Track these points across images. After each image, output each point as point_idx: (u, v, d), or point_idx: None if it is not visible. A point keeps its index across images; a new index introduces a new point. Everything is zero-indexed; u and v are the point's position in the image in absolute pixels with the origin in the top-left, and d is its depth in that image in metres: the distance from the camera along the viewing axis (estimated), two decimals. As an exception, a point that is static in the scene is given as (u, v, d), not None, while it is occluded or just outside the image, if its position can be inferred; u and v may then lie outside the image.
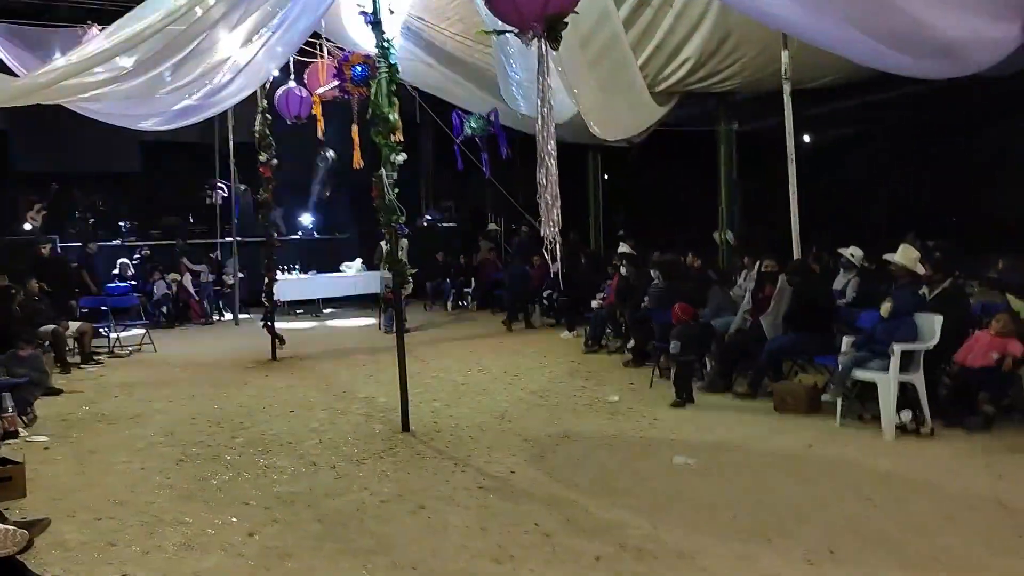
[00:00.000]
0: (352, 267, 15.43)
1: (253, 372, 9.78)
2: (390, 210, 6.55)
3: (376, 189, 6.55)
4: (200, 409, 7.82)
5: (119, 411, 7.81)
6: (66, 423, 7.39)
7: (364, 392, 8.47)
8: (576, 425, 7.01)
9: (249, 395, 8.43)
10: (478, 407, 7.75)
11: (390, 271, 6.82)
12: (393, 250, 6.71)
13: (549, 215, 4.31)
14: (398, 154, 6.52)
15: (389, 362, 10.20)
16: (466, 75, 11.85)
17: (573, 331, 11.95)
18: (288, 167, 17.18)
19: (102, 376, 9.75)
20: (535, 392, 8.38)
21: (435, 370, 9.72)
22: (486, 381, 9.03)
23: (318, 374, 9.57)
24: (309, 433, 6.83)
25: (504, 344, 11.65)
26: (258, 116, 10.22)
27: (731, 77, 10.47)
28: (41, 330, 9.75)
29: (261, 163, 10.29)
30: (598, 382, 8.80)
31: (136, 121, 8.68)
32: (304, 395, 8.36)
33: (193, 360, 10.72)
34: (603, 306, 10.77)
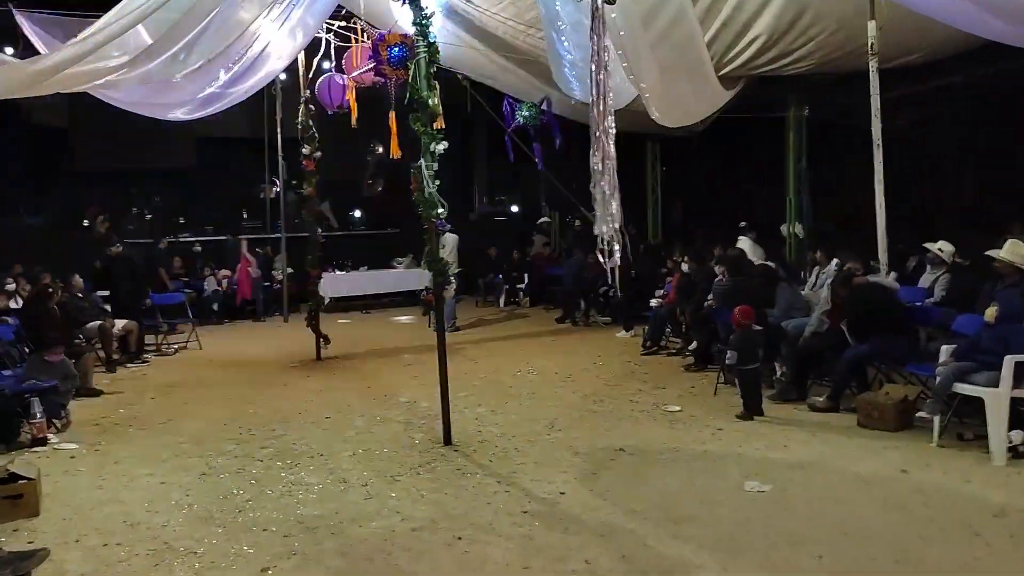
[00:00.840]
0: (402, 263, 14.94)
1: (294, 373, 9.32)
2: (429, 204, 5.94)
3: (415, 181, 5.95)
4: (234, 413, 7.36)
5: (152, 415, 7.41)
6: (98, 427, 7.01)
7: (406, 396, 7.92)
8: (632, 436, 6.32)
9: (286, 398, 7.96)
10: (526, 414, 7.11)
11: (429, 270, 6.19)
12: (432, 247, 6.11)
13: (606, 207, 3.59)
14: (438, 143, 5.91)
15: (435, 362, 9.57)
16: (518, 62, 11.19)
17: (630, 330, 11.23)
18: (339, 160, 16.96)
19: (144, 376, 9.42)
20: (588, 396, 7.71)
21: (484, 370, 9.13)
22: (536, 383, 8.39)
23: (360, 375, 9.06)
24: (343, 444, 6.28)
25: (557, 343, 11.00)
26: (300, 107, 9.74)
27: (804, 58, 9.57)
28: (87, 327, 9.47)
29: (304, 156, 9.82)
30: (657, 386, 8.08)
31: (166, 111, 8.26)
32: (343, 399, 7.85)
33: (236, 359, 10.34)
34: (663, 305, 10.02)
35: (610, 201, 3.55)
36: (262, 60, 7.31)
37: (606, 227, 3.63)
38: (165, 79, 6.27)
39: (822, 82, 11.25)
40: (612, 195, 3.56)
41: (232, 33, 6.10)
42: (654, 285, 11.93)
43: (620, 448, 6.00)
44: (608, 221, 3.61)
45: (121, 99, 7.39)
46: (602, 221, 3.62)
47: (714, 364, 8.63)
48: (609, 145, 3.58)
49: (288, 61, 8.45)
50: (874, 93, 7.20)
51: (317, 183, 10.03)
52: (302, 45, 8.06)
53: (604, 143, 3.52)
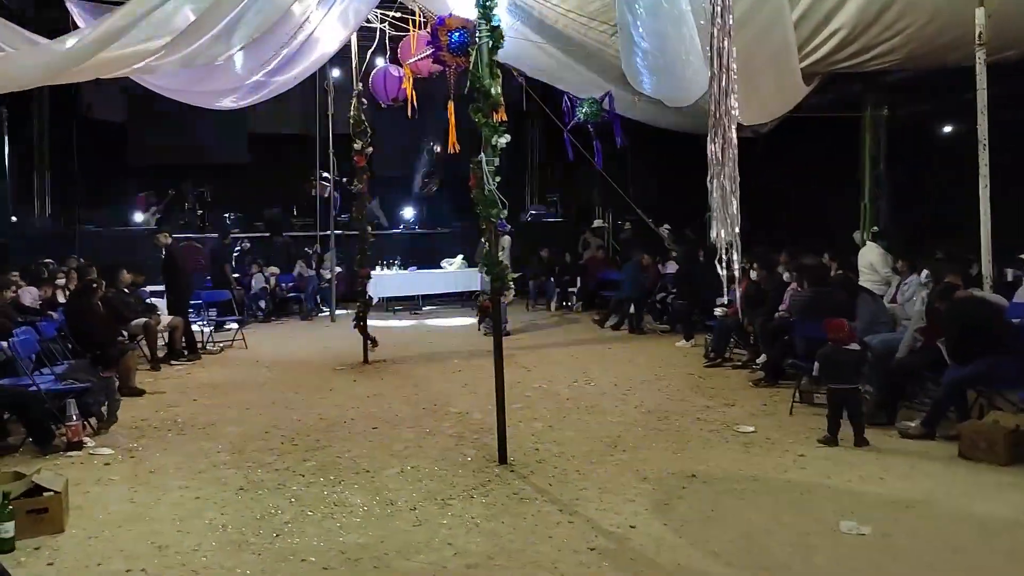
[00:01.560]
0: (453, 263, 14.47)
1: (341, 377, 8.88)
2: (489, 203, 5.40)
3: (474, 178, 5.42)
4: (277, 420, 6.93)
5: (193, 418, 7.02)
6: (137, 431, 6.63)
7: (458, 406, 7.40)
8: (704, 460, 5.71)
9: (332, 404, 7.51)
10: (586, 430, 6.54)
11: (488, 274, 5.66)
12: (492, 250, 5.57)
13: (725, 207, 2.95)
14: (500, 136, 5.37)
15: (487, 369, 9.07)
16: (579, 56, 10.61)
17: (690, 340, 10.56)
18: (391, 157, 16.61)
19: (189, 375, 9.08)
20: (652, 412, 7.10)
21: (537, 380, 8.57)
22: (594, 396, 7.81)
23: (409, 381, 8.57)
24: (390, 458, 5.78)
25: (613, 352, 10.38)
26: (353, 100, 9.31)
27: (888, 53, 8.78)
28: (132, 324, 9.17)
29: (355, 151, 9.38)
30: (725, 403, 7.44)
31: (213, 99, 7.88)
32: (391, 407, 7.36)
33: (282, 359, 9.95)
34: (728, 314, 9.34)
35: (730, 199, 2.92)
36: (310, 46, 6.86)
37: (725, 231, 2.98)
38: (207, 62, 5.86)
39: (902, 80, 10.47)
40: (733, 191, 2.92)
41: (273, 14, 5.65)
42: (715, 292, 11.27)
43: (692, 474, 5.39)
44: (728, 224, 2.96)
45: (165, 86, 7.02)
46: (720, 224, 2.99)
47: (786, 379, 7.97)
48: (730, 130, 2.96)
49: (337, 47, 7.99)
50: (981, 86, 6.45)
51: (368, 180, 9.59)
52: (352, 29, 7.58)
53: (725, 126, 2.90)
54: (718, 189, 2.94)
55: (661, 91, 7.30)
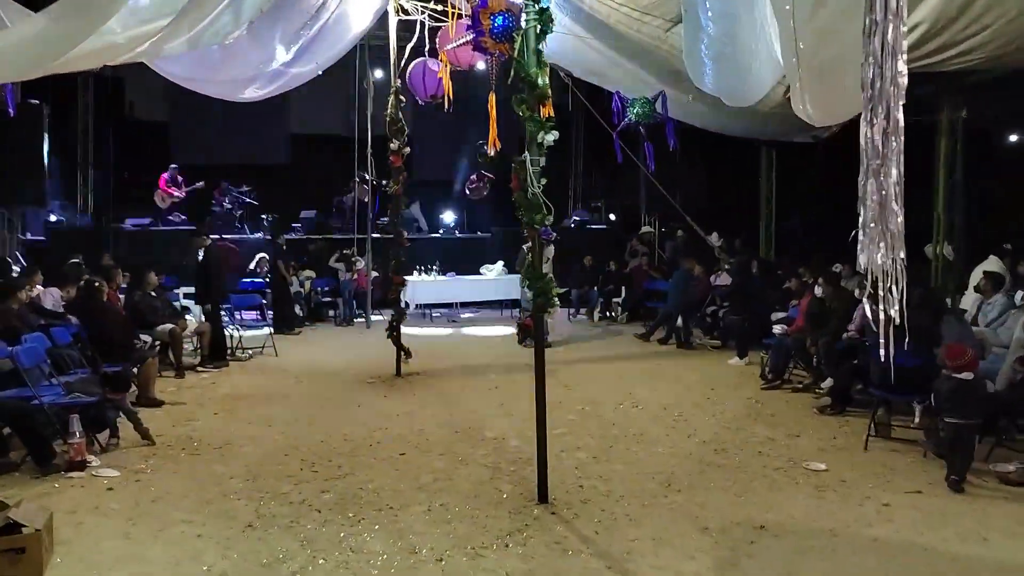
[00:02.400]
0: (493, 270, 13.80)
1: (371, 390, 8.26)
2: (533, 207, 4.72)
3: (516, 179, 4.74)
4: (298, 439, 6.33)
5: (210, 435, 6.45)
6: (148, 449, 6.07)
7: (493, 429, 6.72)
8: (773, 506, 4.95)
9: (359, 422, 6.88)
10: (635, 463, 5.81)
11: (530, 288, 4.97)
12: (535, 260, 4.88)
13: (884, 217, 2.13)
14: (548, 132, 4.69)
15: (525, 386, 8.38)
16: (629, 53, 9.89)
17: (744, 357, 9.74)
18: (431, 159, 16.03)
19: (213, 384, 8.54)
20: (707, 444, 6.35)
21: (579, 400, 7.86)
22: (643, 421, 7.07)
23: (443, 398, 7.92)
24: (417, 492, 5.13)
25: (660, 368, 9.60)
26: (390, 98, 8.70)
27: (970, 51, 7.88)
28: (158, 329, 8.68)
29: (392, 151, 8.77)
30: (789, 433, 6.65)
31: (235, 89, 7.33)
32: (422, 428, 6.71)
33: (312, 369, 9.37)
34: (789, 333, 8.52)
35: (890, 208, 2.11)
36: (330, 31, 6.24)
37: (882, 252, 2.17)
38: (215, 41, 5.29)
39: (981, 81, 9.53)
40: (897, 197, 2.12)
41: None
42: (769, 307, 10.44)
43: (760, 525, 4.64)
44: (888, 244, 2.15)
45: (178, 74, 6.49)
46: (873, 240, 2.19)
47: (855, 407, 7.18)
48: (897, 109, 2.21)
49: (359, 33, 7.34)
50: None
51: (406, 182, 8.98)
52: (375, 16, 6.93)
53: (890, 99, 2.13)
54: (875, 193, 2.12)
55: (721, 84, 6.56)
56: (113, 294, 8.17)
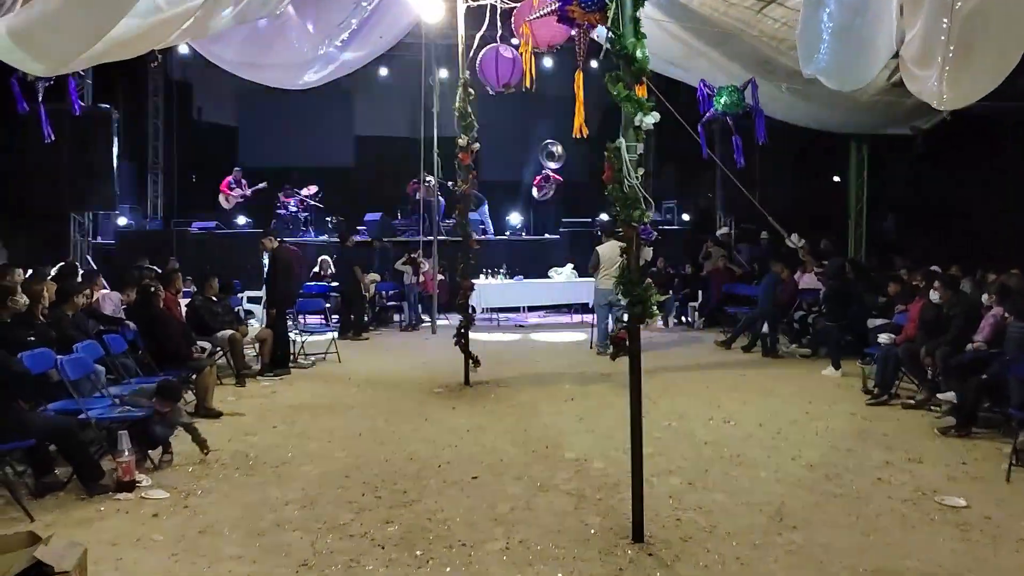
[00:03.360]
0: (562, 273, 13.10)
1: (438, 401, 7.66)
2: (630, 201, 4.02)
3: (609, 169, 4.05)
4: (362, 458, 5.75)
5: (267, 452, 5.92)
6: (202, 466, 5.58)
7: (573, 448, 6.02)
8: (910, 551, 4.14)
9: (426, 439, 6.28)
10: (738, 492, 5.04)
11: (624, 295, 4.25)
12: (631, 263, 4.17)
13: None
14: (647, 114, 3.98)
15: (603, 398, 7.75)
16: (713, 40, 9.11)
17: (839, 368, 8.81)
18: (498, 158, 15.43)
19: (274, 393, 8.07)
20: (817, 468, 5.53)
21: (665, 414, 7.10)
22: (739, 440, 6.28)
23: (515, 411, 7.26)
24: (492, 525, 4.47)
25: (748, 379, 8.76)
26: (458, 90, 8.10)
27: None
28: (217, 335, 8.27)
29: (460, 148, 8.17)
30: (909, 457, 5.78)
31: (292, 75, 6.81)
32: (494, 447, 6.06)
33: (376, 377, 8.84)
34: (897, 342, 7.59)
35: None
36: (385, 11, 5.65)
37: None
38: (265, 13, 4.76)
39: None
40: None
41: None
42: (866, 313, 9.49)
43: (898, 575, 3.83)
44: None
45: (231, 59, 6.00)
46: None
47: (982, 428, 6.27)
48: None
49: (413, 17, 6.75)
50: None
51: (475, 181, 8.37)
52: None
53: None
54: None
55: (835, 63, 5.74)
56: (172, 299, 7.78)
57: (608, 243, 10.10)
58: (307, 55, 6.07)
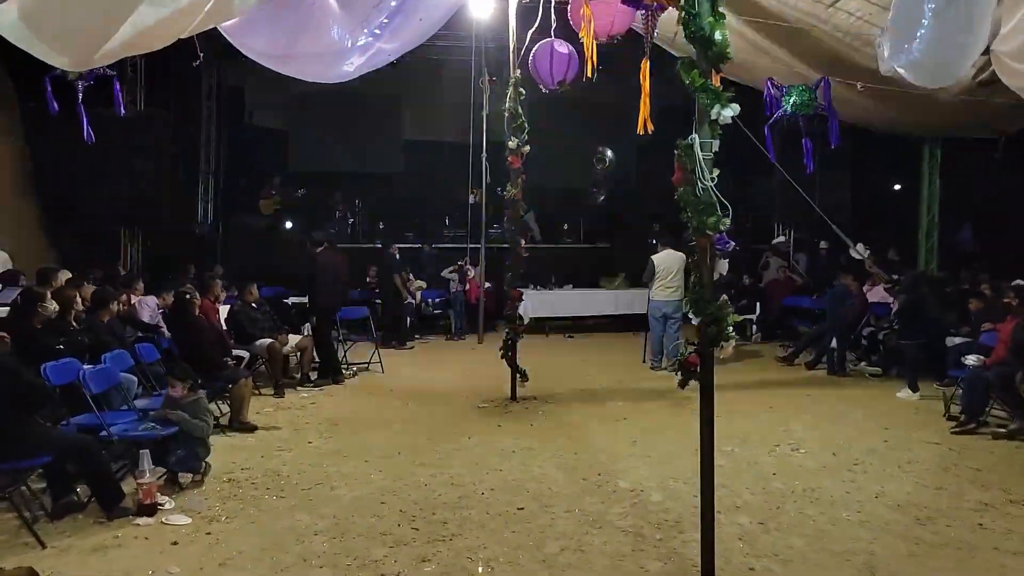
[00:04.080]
0: (613, 282, 12.50)
1: (483, 418, 7.17)
2: (704, 207, 3.47)
3: (680, 170, 3.51)
4: (399, 481, 5.28)
5: (300, 472, 5.50)
6: (230, 485, 5.17)
7: (628, 476, 5.46)
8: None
9: (469, 461, 5.78)
10: (818, 536, 4.43)
11: (696, 313, 3.69)
12: (703, 277, 3.61)
13: None
14: (724, 106, 3.44)
15: (659, 418, 7.16)
16: (779, 37, 8.46)
17: (916, 391, 8.06)
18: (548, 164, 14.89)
19: (312, 404, 7.68)
20: (905, 508, 4.87)
21: (725, 437, 6.46)
22: (811, 471, 5.63)
23: (564, 431, 6.72)
24: (541, 569, 3.95)
25: (814, 400, 8.07)
26: (508, 90, 7.63)
27: None
28: (256, 344, 7.92)
29: (510, 151, 7.69)
30: (1011, 498, 5.08)
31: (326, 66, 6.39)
32: (542, 472, 5.53)
33: (419, 389, 8.39)
34: (987, 364, 6.84)
35: None
36: None
37: None
38: None
39: None
40: None
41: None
42: (943, 330, 8.71)
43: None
44: None
45: (262, 50, 5.60)
46: None
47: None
48: None
49: None
50: None
51: (525, 185, 7.87)
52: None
53: None
54: None
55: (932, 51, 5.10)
56: (210, 306, 7.45)
57: (664, 252, 9.51)
58: (342, 43, 5.66)
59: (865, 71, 8.12)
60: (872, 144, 11.81)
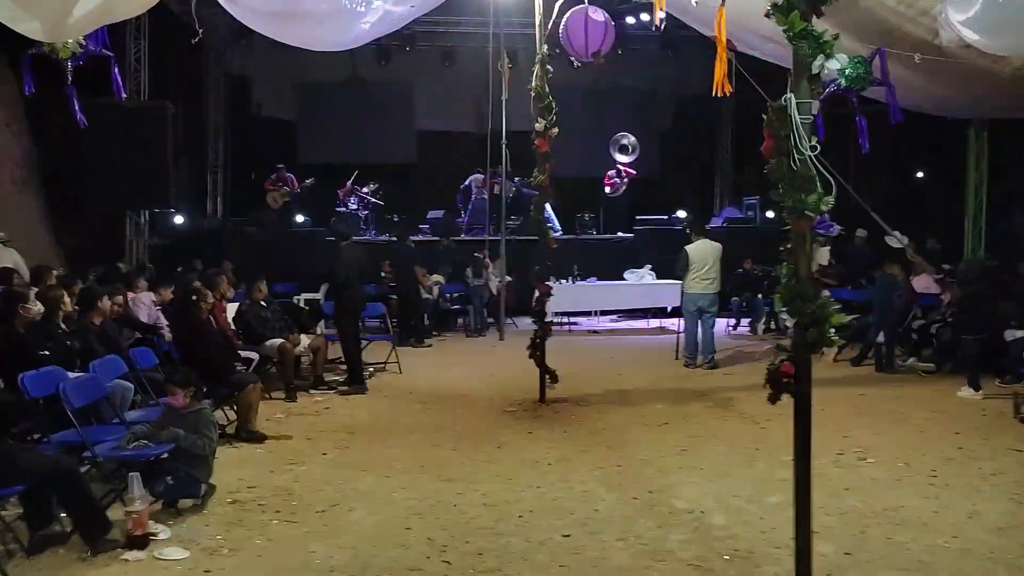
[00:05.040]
0: (638, 274, 11.80)
1: (512, 424, 6.51)
2: (803, 183, 2.79)
3: (771, 138, 2.83)
4: (426, 501, 4.64)
5: (313, 490, 4.86)
6: (235, 509, 4.54)
7: (683, 494, 4.78)
8: None
9: (501, 475, 5.13)
10: (917, 568, 3.76)
11: (790, 313, 3.01)
12: (800, 270, 2.93)
13: None
14: (829, 56, 2.76)
15: (705, 423, 6.47)
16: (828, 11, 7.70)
17: (979, 389, 7.34)
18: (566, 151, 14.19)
19: (327, 409, 7.04)
20: (1007, 532, 4.19)
21: (781, 445, 5.74)
22: (887, 486, 4.96)
23: (602, 439, 6.05)
24: (601, 619, 3.29)
25: (869, 401, 7.37)
26: (535, 67, 6.95)
27: None
28: (266, 345, 7.29)
29: (536, 133, 7.01)
30: (1118, 519, 4.37)
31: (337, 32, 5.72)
32: (585, 489, 4.87)
33: (440, 391, 7.75)
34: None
35: None
36: None
37: None
38: None
39: None
40: None
41: None
42: (1001, 323, 8.00)
43: None
44: None
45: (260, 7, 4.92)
46: None
47: None
48: None
49: None
50: None
51: (553, 171, 7.19)
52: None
53: None
54: None
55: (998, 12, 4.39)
56: (218, 305, 6.81)
57: (699, 242, 8.82)
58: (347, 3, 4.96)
59: (920, 43, 7.40)
60: (909, 128, 11.06)
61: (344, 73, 15.81)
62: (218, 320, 6.48)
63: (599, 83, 14.67)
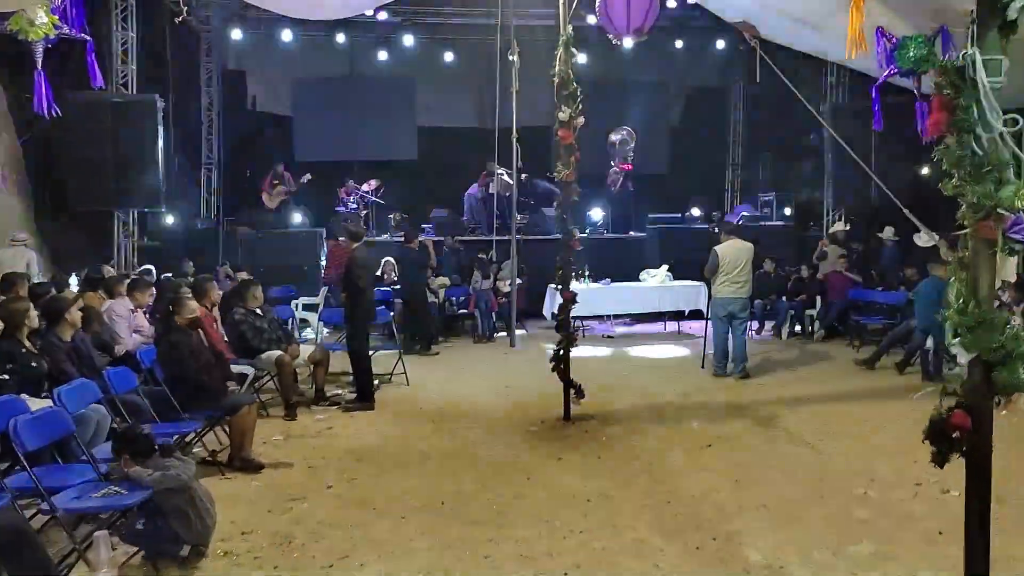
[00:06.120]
0: (655, 275, 11.04)
1: (538, 447, 5.74)
2: (987, 169, 2.02)
3: (941, 110, 2.09)
4: (450, 550, 3.88)
5: (315, 537, 4.09)
6: (226, 564, 3.77)
7: (751, 539, 4.03)
8: None
9: (535, 516, 4.36)
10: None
11: (963, 346, 2.28)
12: (979, 285, 2.17)
13: None
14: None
15: (749, 443, 5.74)
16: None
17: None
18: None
19: (329, 430, 6.25)
20: None
21: (847, 472, 5.08)
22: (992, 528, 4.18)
23: (641, 465, 5.29)
24: None
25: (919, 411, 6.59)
26: (558, 51, 6.19)
27: None
28: (262, 357, 6.51)
29: (560, 123, 6.24)
30: None
31: None
32: (636, 536, 4.10)
33: (453, 407, 6.97)
34: None
35: None
36: None
37: None
38: None
39: None
40: None
41: None
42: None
43: None
44: None
45: None
46: None
47: None
48: None
49: None
50: None
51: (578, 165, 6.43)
52: None
53: None
54: None
55: None
56: (207, 316, 6.02)
57: (729, 242, 8.06)
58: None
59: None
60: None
61: (342, 67, 15.06)
62: (207, 333, 5.69)
63: (609, 76, 13.95)
